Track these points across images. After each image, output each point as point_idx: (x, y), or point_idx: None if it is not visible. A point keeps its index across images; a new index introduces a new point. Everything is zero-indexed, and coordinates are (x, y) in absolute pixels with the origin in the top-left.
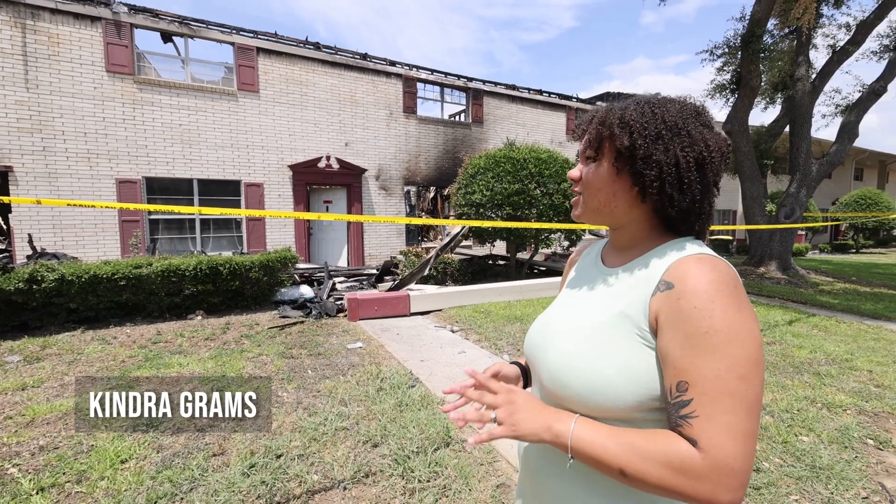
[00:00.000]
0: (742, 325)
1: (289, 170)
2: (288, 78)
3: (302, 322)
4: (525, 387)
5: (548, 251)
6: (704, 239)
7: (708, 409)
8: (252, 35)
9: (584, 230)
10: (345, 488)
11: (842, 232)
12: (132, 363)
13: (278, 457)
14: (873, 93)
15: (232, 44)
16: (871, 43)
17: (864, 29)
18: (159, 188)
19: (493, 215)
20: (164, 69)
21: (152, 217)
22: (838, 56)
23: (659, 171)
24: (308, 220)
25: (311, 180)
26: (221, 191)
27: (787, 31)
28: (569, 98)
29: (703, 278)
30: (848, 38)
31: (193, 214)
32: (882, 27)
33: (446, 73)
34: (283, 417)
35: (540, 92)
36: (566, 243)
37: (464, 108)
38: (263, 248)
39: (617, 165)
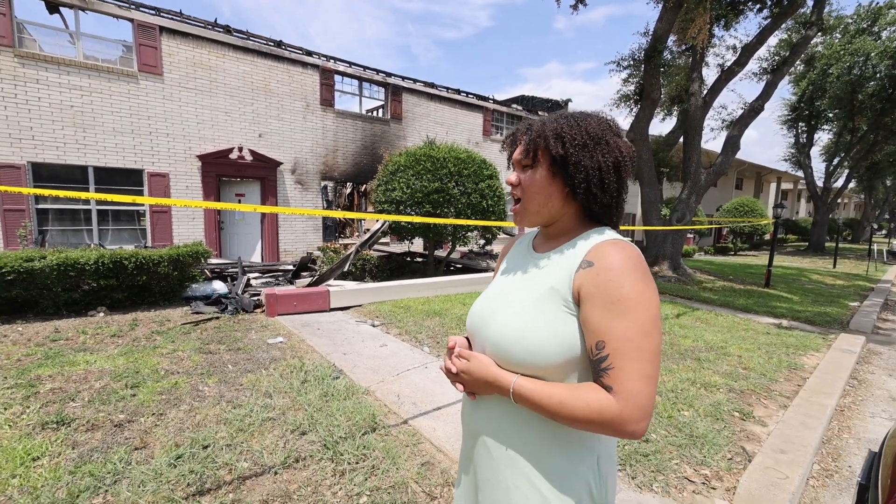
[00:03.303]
0: (645, 294)
1: (198, 160)
2: (195, 62)
3: (217, 318)
4: None
5: (464, 249)
6: (618, 228)
7: (620, 361)
8: (154, 12)
9: (499, 229)
10: (275, 473)
11: (723, 236)
12: (30, 362)
13: (205, 447)
14: (753, 110)
15: (131, 20)
16: (752, 65)
17: (747, 52)
18: (49, 175)
19: (412, 213)
20: (50, 43)
21: (40, 206)
22: (726, 75)
23: (586, 175)
24: (219, 214)
25: (222, 172)
26: (122, 180)
27: (683, 48)
28: (485, 99)
29: (616, 257)
30: (734, 59)
31: (90, 204)
32: (762, 51)
33: (365, 67)
34: (206, 410)
35: (458, 91)
36: (482, 241)
37: (382, 103)
38: (170, 241)
39: (552, 171)
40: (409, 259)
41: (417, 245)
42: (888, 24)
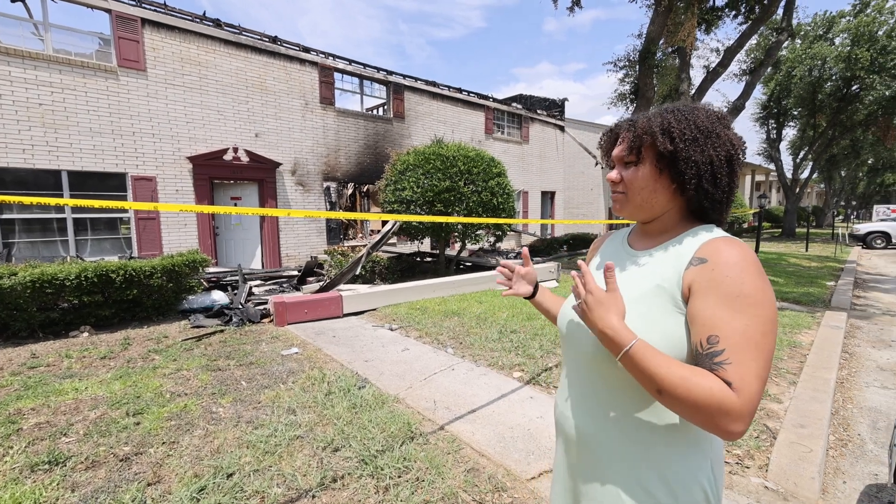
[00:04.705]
0: (765, 293)
1: (188, 162)
2: (183, 57)
3: (221, 331)
4: (532, 297)
5: (475, 247)
6: (724, 225)
7: (739, 357)
8: (135, 3)
9: (509, 226)
10: (313, 496)
11: None
12: (6, 394)
13: (230, 475)
14: (736, 108)
15: (108, 11)
16: (733, 67)
17: (729, 54)
18: (14, 181)
19: (423, 212)
20: (11, 34)
21: (4, 216)
22: (711, 76)
23: (697, 170)
24: (213, 219)
25: (215, 174)
26: (101, 185)
27: (670, 50)
28: (486, 98)
29: (733, 253)
30: (718, 61)
31: (64, 212)
32: (741, 54)
33: (365, 65)
34: (224, 434)
35: (459, 90)
36: (492, 239)
37: (384, 101)
38: (159, 251)
39: (659, 166)
40: (418, 259)
41: (426, 245)
42: (840, 32)
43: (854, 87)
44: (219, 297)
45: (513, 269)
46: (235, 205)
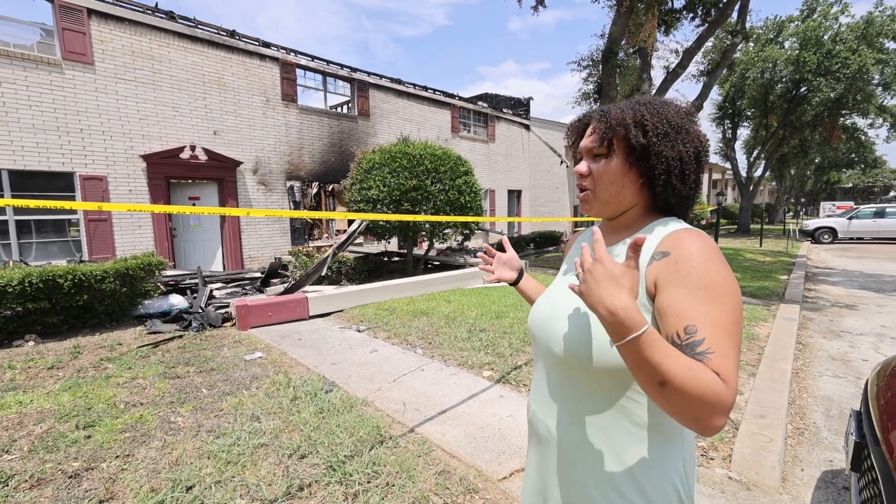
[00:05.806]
0: (731, 281)
1: (142, 160)
2: (134, 50)
3: (180, 336)
4: (516, 283)
5: (443, 246)
6: (686, 218)
7: (719, 346)
8: None
9: (476, 225)
10: None
11: None
12: None
13: (189, 489)
14: (694, 109)
15: (51, 0)
16: (692, 68)
17: (688, 55)
18: None
19: (389, 211)
20: None
21: None
22: (671, 76)
23: (667, 165)
24: (170, 220)
25: (172, 173)
26: (47, 185)
27: (632, 50)
28: (452, 96)
29: (694, 244)
30: (678, 61)
31: (6, 214)
32: (699, 56)
33: (328, 61)
34: (183, 445)
35: (425, 88)
36: (460, 238)
37: (348, 99)
38: (111, 254)
39: (629, 160)
40: (386, 259)
41: (393, 244)
42: (790, 36)
43: (802, 89)
44: (177, 301)
45: (493, 254)
46: (194, 205)
